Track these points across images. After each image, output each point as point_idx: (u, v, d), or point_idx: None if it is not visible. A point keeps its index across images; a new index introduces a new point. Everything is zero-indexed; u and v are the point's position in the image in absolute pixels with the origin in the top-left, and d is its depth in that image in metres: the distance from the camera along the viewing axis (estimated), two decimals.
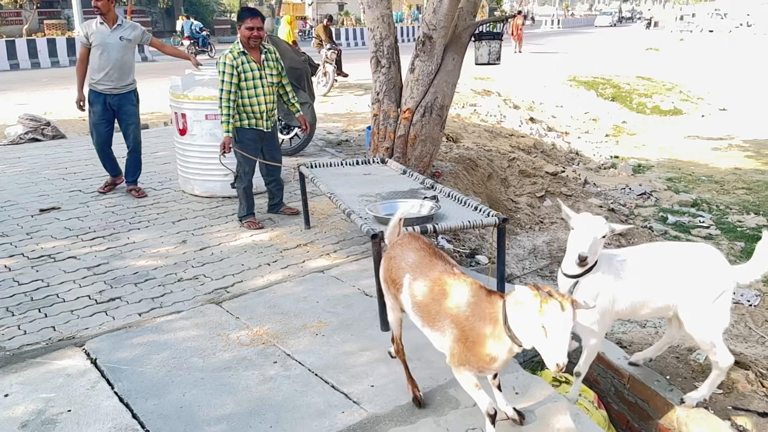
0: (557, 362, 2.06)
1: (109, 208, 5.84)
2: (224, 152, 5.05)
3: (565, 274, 2.90)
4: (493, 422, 2.50)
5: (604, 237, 2.67)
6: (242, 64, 5.01)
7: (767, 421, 3.14)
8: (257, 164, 5.35)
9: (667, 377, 3.34)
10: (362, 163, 5.35)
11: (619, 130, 13.18)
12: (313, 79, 9.51)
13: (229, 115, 4.99)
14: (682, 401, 3.05)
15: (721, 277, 2.83)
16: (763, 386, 3.58)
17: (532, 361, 3.55)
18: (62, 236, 5.16)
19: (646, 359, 3.40)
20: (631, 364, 3.40)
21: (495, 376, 2.71)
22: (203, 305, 3.97)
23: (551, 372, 3.34)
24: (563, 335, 2.06)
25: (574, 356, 3.02)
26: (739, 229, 7.51)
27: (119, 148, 6.18)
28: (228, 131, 5.01)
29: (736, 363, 3.63)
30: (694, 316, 2.84)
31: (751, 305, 5.62)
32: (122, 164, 6.24)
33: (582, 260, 2.62)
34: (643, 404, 3.26)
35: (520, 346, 2.28)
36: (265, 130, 5.27)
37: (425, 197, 4.17)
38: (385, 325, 3.62)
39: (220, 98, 4.97)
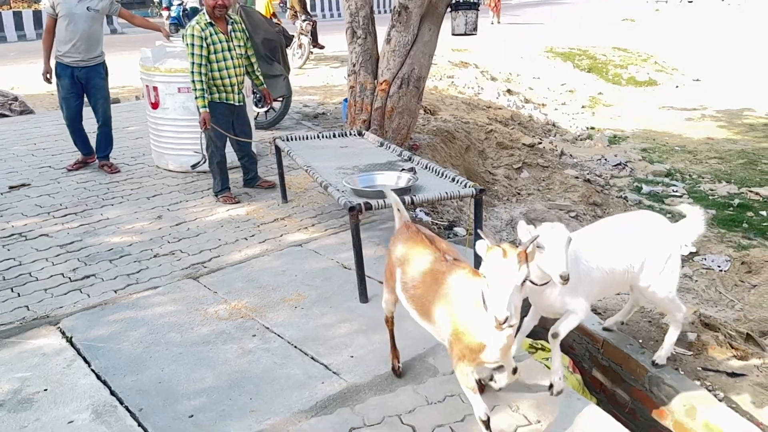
0: (495, 315, 1.88)
1: (81, 185, 5.73)
2: (206, 129, 4.96)
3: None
4: (487, 428, 2.35)
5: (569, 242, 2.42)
6: (210, 35, 4.90)
7: (735, 381, 3.23)
8: (227, 139, 5.28)
9: (640, 341, 3.41)
10: (339, 136, 5.31)
11: (595, 102, 13.25)
12: (288, 51, 9.35)
13: (203, 89, 4.90)
14: (653, 363, 3.13)
15: (667, 239, 2.89)
16: (732, 347, 3.69)
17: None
18: (33, 213, 5.05)
19: (618, 323, 3.48)
20: (605, 329, 3.47)
21: (514, 370, 2.53)
22: (180, 280, 3.94)
23: (526, 341, 3.42)
24: (503, 285, 1.89)
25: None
26: (711, 197, 7.65)
27: (90, 123, 6.04)
28: (205, 106, 4.92)
29: (706, 325, 3.74)
30: (651, 281, 2.89)
31: (721, 270, 5.76)
32: (93, 139, 6.10)
33: (566, 279, 2.32)
34: (617, 367, 3.34)
35: None
36: (236, 104, 5.19)
37: (403, 169, 4.17)
38: (363, 297, 3.64)
39: (192, 72, 4.87)
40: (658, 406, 3.10)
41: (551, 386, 2.72)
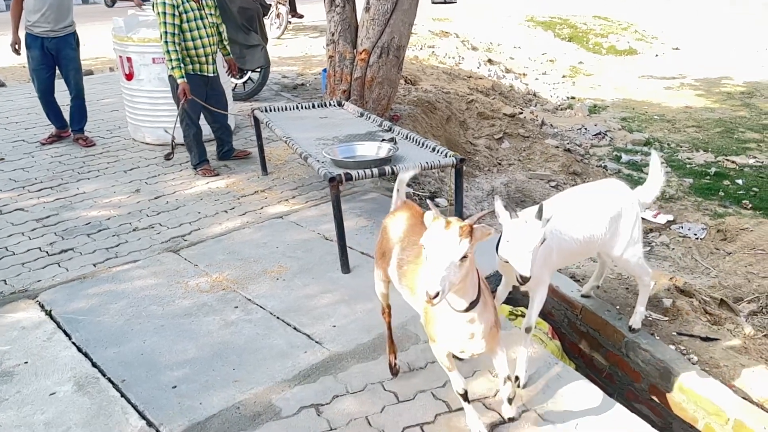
0: (426, 289, 1.73)
1: (56, 158, 5.62)
2: (185, 100, 4.87)
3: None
4: (465, 400, 2.36)
5: (543, 242, 2.26)
6: (182, 3, 4.77)
7: (709, 345, 3.32)
8: (201, 112, 5.19)
9: (617, 307, 3.48)
10: (318, 107, 5.26)
11: (575, 71, 13.24)
12: (266, 20, 9.17)
13: (179, 59, 4.79)
14: (630, 328, 3.20)
15: (631, 204, 2.92)
16: (706, 313, 3.78)
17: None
18: (7, 188, 4.95)
19: (594, 287, 3.54)
20: (583, 296, 3.53)
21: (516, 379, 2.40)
22: (160, 254, 3.92)
23: (505, 308, 3.47)
24: (439, 258, 1.75)
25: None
26: (688, 166, 7.75)
27: (64, 95, 5.90)
28: (183, 76, 4.81)
29: (681, 291, 3.82)
30: (622, 249, 2.92)
31: (697, 238, 5.86)
32: (66, 112, 5.97)
33: (525, 281, 2.19)
34: (595, 333, 3.41)
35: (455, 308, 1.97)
36: (209, 75, 5.09)
37: (383, 140, 4.14)
38: (345, 268, 3.65)
39: (165, 41, 4.74)
40: (634, 370, 3.18)
41: (517, 378, 2.71)
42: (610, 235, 2.84)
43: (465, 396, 2.35)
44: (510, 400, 2.35)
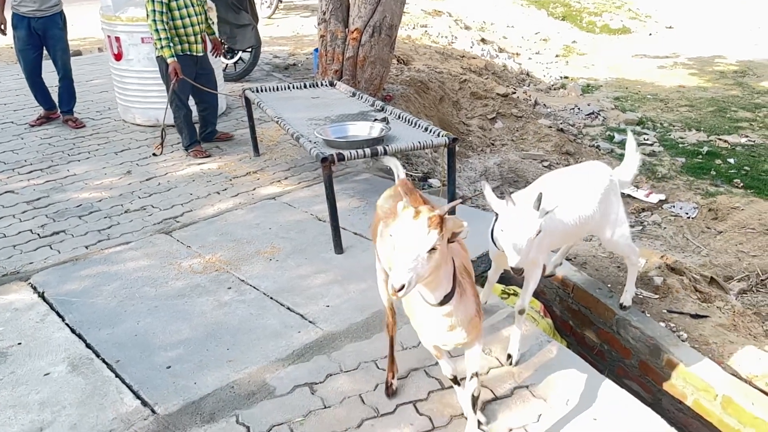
0: (391, 282, 1.64)
1: (45, 140, 5.57)
2: (176, 80, 4.81)
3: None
4: (456, 383, 2.37)
5: (539, 233, 2.19)
6: None
7: (698, 322, 3.36)
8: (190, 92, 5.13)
9: (609, 285, 3.51)
10: (310, 87, 5.22)
11: (569, 50, 13.17)
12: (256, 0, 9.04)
13: (168, 38, 4.72)
14: (621, 306, 3.23)
15: (614, 184, 2.90)
16: (696, 290, 3.82)
17: (482, 276, 3.66)
18: None
19: (558, 264, 3.57)
20: (546, 277, 3.52)
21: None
22: (153, 235, 3.91)
23: (498, 287, 3.48)
24: (406, 249, 1.65)
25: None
26: (680, 145, 7.76)
27: (52, 76, 5.82)
28: (173, 56, 4.76)
29: (672, 270, 3.86)
30: (612, 230, 2.92)
31: (689, 217, 5.89)
32: (55, 93, 5.90)
33: (519, 273, 2.17)
34: (586, 311, 3.44)
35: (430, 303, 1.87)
36: (197, 55, 5.04)
37: (375, 119, 4.13)
38: (338, 248, 3.65)
39: (153, 20, 4.67)
40: (625, 347, 3.21)
41: (510, 356, 2.73)
42: (599, 216, 2.84)
43: (455, 380, 2.34)
44: (475, 399, 2.21)
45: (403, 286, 1.63)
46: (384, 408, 2.48)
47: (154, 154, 5.19)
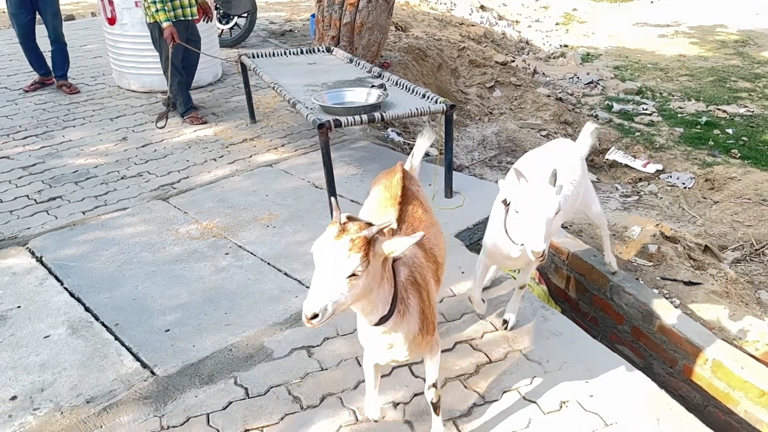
0: (303, 310, 1.47)
1: (40, 106, 5.52)
2: (173, 45, 4.74)
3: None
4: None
5: (557, 213, 2.03)
6: None
7: (691, 289, 3.40)
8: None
9: (603, 253, 3.53)
10: (307, 53, 5.16)
11: (569, 18, 13.00)
12: None
13: (163, 2, 4.64)
14: (611, 271, 3.26)
15: (582, 159, 2.86)
16: (690, 258, 3.85)
17: (478, 244, 3.68)
18: None
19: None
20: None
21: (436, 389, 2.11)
22: (150, 201, 3.91)
23: None
24: (323, 274, 1.48)
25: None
26: (679, 115, 7.72)
27: (47, 42, 5.74)
28: (168, 20, 4.68)
29: (667, 238, 3.88)
30: (592, 201, 2.94)
31: (685, 187, 5.90)
32: (49, 58, 5.82)
33: (540, 257, 1.98)
34: (580, 278, 3.47)
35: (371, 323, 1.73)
36: (190, 19, 4.96)
37: (372, 86, 4.09)
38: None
39: None
40: (618, 313, 3.26)
41: (505, 322, 2.74)
42: (584, 191, 2.82)
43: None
44: (435, 406, 2.13)
45: (316, 315, 1.45)
46: (381, 369, 2.51)
47: (157, 126, 5.07)
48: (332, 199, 1.71)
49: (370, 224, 1.55)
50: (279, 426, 2.25)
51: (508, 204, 2.15)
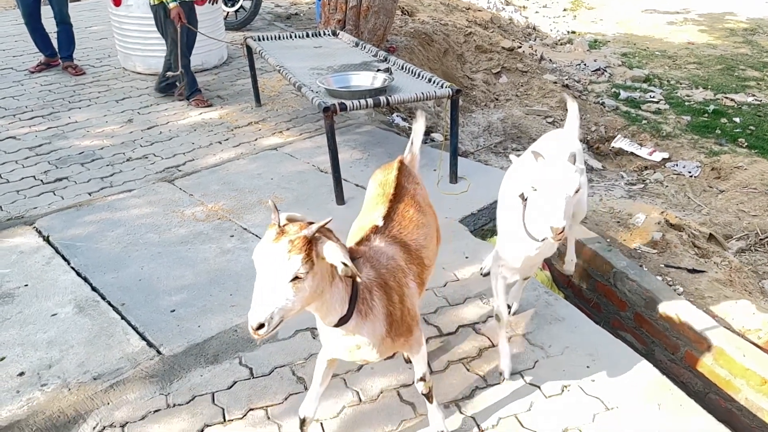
0: (249, 321, 1.39)
1: (46, 87, 5.52)
2: (181, 25, 4.73)
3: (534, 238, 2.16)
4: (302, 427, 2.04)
5: (577, 191, 1.93)
6: None
7: (695, 277, 3.40)
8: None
9: (608, 240, 3.54)
10: (313, 36, 5.14)
11: (577, 4, 12.88)
12: None
13: None
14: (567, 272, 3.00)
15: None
16: (695, 246, 3.85)
17: (482, 229, 3.69)
18: None
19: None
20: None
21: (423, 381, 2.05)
22: (155, 183, 3.92)
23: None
24: (263, 279, 1.41)
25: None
26: (686, 103, 7.67)
27: (53, 22, 5.73)
28: (176, 0, 4.67)
29: (671, 225, 3.88)
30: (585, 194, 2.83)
31: (691, 176, 5.88)
32: (55, 39, 5.81)
33: (559, 233, 1.87)
34: (584, 264, 3.47)
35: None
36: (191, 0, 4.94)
37: (378, 70, 4.08)
38: (340, 200, 3.67)
39: None
40: (621, 299, 3.26)
41: (508, 307, 2.64)
42: (584, 181, 2.76)
43: (302, 424, 2.01)
44: (427, 396, 2.10)
45: (262, 325, 1.37)
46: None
47: (179, 98, 5.14)
48: (270, 201, 1.60)
49: (312, 223, 1.49)
50: (283, 406, 2.27)
51: (526, 199, 2.08)
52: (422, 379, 2.05)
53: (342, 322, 1.63)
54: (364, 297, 1.67)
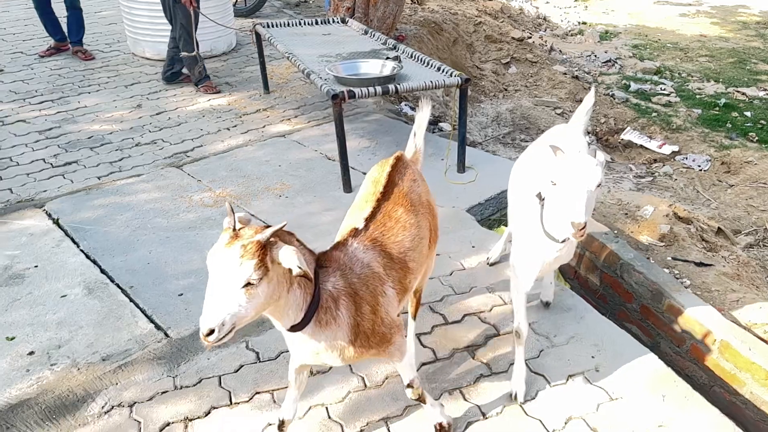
0: (200, 326, 1.35)
1: (55, 71, 5.54)
2: (194, 8, 4.72)
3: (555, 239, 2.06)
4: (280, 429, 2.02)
5: (599, 186, 1.84)
6: None
7: (702, 270, 3.39)
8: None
9: (615, 231, 3.53)
10: (322, 23, 5.12)
11: None
12: None
13: None
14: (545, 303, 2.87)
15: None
16: (703, 240, 3.84)
17: (489, 219, 3.69)
18: (8, 99, 4.92)
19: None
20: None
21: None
22: (163, 169, 3.93)
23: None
24: (215, 284, 1.37)
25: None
26: (697, 96, 7.61)
27: (63, 7, 5.73)
28: None
29: (680, 218, 3.86)
30: None
31: (701, 170, 5.85)
32: (64, 24, 5.82)
33: (581, 230, 1.78)
34: (591, 255, 3.47)
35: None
36: None
37: (387, 57, 4.07)
38: (347, 187, 3.67)
39: None
40: (627, 291, 3.26)
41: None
42: None
43: (280, 426, 2.00)
44: (419, 400, 2.04)
45: (212, 331, 1.33)
46: None
47: (199, 77, 5.14)
48: (227, 203, 1.50)
49: (268, 227, 1.44)
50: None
51: (543, 198, 2.01)
52: (410, 385, 1.98)
53: (295, 328, 1.58)
54: (328, 306, 1.61)
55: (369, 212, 1.86)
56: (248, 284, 1.36)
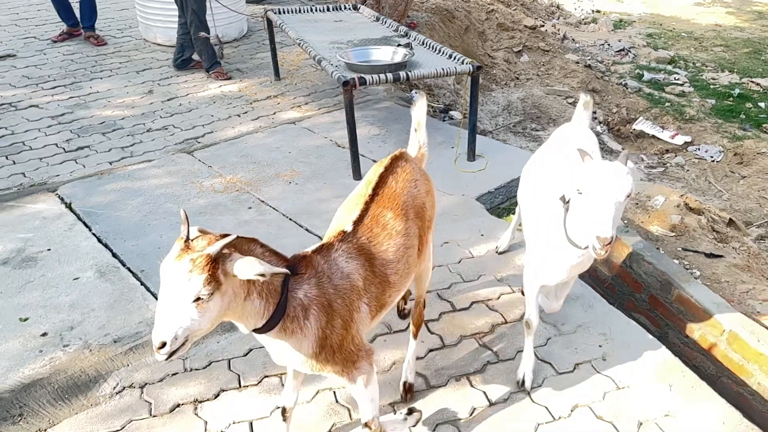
0: (152, 339, 1.34)
1: (68, 56, 5.56)
2: None
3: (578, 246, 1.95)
4: (283, 415, 2.01)
5: (628, 197, 1.70)
6: None
7: (713, 261, 3.37)
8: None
9: (625, 221, 3.52)
10: (333, 10, 5.10)
11: None
12: None
13: None
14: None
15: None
16: (713, 230, 3.81)
17: (499, 208, 3.69)
18: (21, 84, 4.95)
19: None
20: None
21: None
22: (174, 154, 3.96)
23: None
24: (164, 298, 1.32)
25: None
26: (711, 86, 7.53)
27: None
28: None
29: (691, 209, 3.84)
30: None
31: (713, 161, 5.80)
32: (77, 9, 5.84)
33: (607, 245, 1.66)
34: None
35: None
36: None
37: (398, 44, 4.05)
38: (357, 175, 3.68)
39: None
40: (636, 281, 3.25)
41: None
42: None
43: (283, 411, 1.99)
44: None
45: (164, 344, 1.30)
46: (396, 326, 2.57)
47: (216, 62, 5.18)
48: (182, 211, 1.41)
49: (226, 235, 1.38)
50: None
51: (568, 201, 1.90)
52: (367, 425, 1.82)
53: (258, 331, 1.53)
54: (295, 315, 1.54)
55: (357, 215, 1.76)
56: (199, 299, 1.31)
